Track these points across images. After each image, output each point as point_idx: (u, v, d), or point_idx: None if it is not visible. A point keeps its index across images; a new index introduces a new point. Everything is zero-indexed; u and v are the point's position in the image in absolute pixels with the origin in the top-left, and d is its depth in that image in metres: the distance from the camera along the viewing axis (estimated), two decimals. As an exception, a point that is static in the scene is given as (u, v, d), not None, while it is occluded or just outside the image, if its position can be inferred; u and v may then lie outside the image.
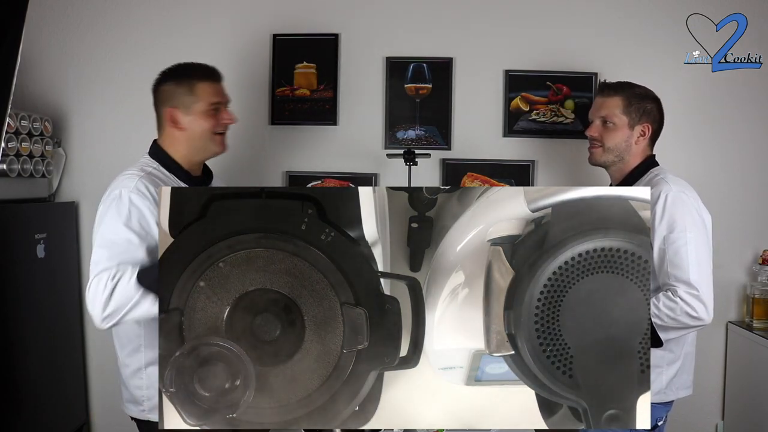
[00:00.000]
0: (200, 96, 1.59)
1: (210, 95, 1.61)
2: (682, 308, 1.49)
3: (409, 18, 2.35)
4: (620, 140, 1.69)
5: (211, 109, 1.60)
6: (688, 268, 1.51)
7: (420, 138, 2.35)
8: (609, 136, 1.70)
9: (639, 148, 1.70)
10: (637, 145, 1.70)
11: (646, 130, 1.70)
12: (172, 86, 1.60)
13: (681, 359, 1.63)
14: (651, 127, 1.70)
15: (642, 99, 1.71)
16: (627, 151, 1.70)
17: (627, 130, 1.69)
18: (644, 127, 1.69)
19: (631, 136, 1.69)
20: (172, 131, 1.60)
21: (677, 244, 1.53)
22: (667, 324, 1.51)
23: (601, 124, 1.73)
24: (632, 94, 1.71)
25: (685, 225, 1.54)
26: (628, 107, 1.69)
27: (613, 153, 1.70)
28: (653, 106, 1.72)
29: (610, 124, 1.70)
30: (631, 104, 1.69)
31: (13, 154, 2.09)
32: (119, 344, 1.57)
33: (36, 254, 2.13)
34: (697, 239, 1.54)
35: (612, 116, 1.70)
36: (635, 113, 1.69)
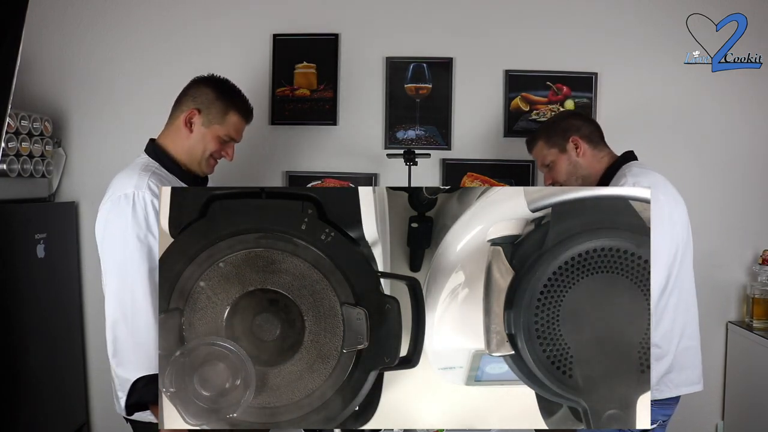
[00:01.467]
0: (227, 123, 1.61)
1: (233, 129, 1.64)
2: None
3: (409, 18, 2.35)
4: (565, 168, 1.74)
5: (224, 139, 1.63)
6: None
7: (420, 138, 2.35)
8: (557, 174, 1.76)
9: (587, 158, 1.72)
10: (582, 157, 1.72)
11: (576, 141, 1.72)
12: (212, 94, 1.60)
13: (671, 354, 1.60)
14: (579, 136, 1.72)
15: (554, 125, 1.78)
16: (579, 169, 1.73)
17: (563, 156, 1.74)
18: (573, 140, 1.72)
19: (569, 156, 1.73)
20: (181, 128, 1.60)
21: None
22: None
23: (546, 170, 1.80)
24: (546, 129, 1.79)
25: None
26: (549, 141, 1.76)
27: (571, 181, 1.74)
28: (567, 121, 1.77)
29: (549, 164, 1.77)
30: (550, 137, 1.76)
31: (13, 154, 2.09)
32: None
33: (36, 254, 2.13)
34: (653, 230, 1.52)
35: (545, 158, 1.77)
36: (556, 138, 1.74)
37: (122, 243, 1.45)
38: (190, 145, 1.60)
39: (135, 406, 1.45)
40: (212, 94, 1.60)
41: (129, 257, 1.44)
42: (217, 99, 1.60)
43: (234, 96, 1.64)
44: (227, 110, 1.60)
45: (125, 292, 1.44)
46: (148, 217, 1.46)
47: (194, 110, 1.59)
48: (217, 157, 1.65)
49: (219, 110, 1.60)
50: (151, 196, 1.47)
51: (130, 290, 1.44)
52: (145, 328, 1.43)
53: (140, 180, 1.49)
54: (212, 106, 1.59)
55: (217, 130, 1.60)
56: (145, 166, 1.55)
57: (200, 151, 1.61)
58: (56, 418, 2.24)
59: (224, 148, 1.65)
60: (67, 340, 2.34)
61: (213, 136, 1.60)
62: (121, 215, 1.45)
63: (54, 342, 2.24)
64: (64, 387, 2.31)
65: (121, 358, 1.44)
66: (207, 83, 1.62)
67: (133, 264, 1.44)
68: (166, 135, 1.63)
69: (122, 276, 1.45)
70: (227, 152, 1.66)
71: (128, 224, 1.45)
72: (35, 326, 2.12)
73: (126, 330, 1.43)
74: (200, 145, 1.60)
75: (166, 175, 1.57)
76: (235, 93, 1.65)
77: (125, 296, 1.44)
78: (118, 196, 1.47)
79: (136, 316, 1.43)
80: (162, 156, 1.59)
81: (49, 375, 2.19)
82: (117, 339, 1.45)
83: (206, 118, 1.59)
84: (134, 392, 1.43)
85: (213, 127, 1.60)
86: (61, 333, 2.30)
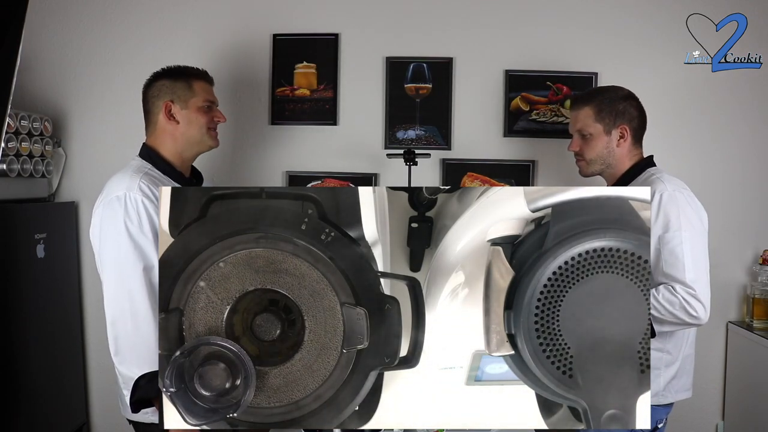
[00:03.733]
0: (197, 92, 1.65)
1: (206, 92, 1.68)
2: (682, 304, 1.48)
3: (409, 18, 2.35)
4: (600, 149, 1.68)
5: (206, 105, 1.66)
6: (684, 268, 1.51)
7: (420, 138, 2.35)
8: (588, 149, 1.70)
9: (623, 151, 1.68)
10: (620, 148, 1.68)
11: (624, 131, 1.67)
12: (168, 82, 1.64)
13: (679, 361, 1.63)
14: (629, 127, 1.67)
15: (612, 102, 1.68)
16: (611, 157, 1.69)
17: (604, 137, 1.68)
18: (622, 129, 1.67)
19: (610, 141, 1.68)
20: (166, 126, 1.63)
21: (672, 244, 1.53)
22: (664, 317, 1.50)
23: (579, 137, 1.72)
24: (602, 100, 1.68)
25: (680, 224, 1.53)
26: (599, 114, 1.67)
27: (597, 163, 1.70)
28: (626, 105, 1.68)
29: (587, 135, 1.69)
30: (601, 111, 1.67)
31: (13, 154, 2.09)
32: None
33: (36, 254, 2.13)
34: (693, 238, 1.54)
35: (586, 127, 1.69)
36: (608, 118, 1.67)
37: (116, 244, 1.47)
38: (182, 131, 1.64)
39: (139, 403, 1.46)
40: (169, 80, 1.65)
41: (124, 257, 1.47)
42: (176, 81, 1.65)
43: (184, 70, 1.69)
44: (190, 83, 1.65)
45: (123, 292, 1.46)
46: (140, 217, 1.48)
47: (167, 102, 1.63)
48: (213, 126, 1.70)
49: (184, 88, 1.64)
50: (141, 196, 1.49)
51: (127, 290, 1.46)
52: (145, 325, 1.44)
53: (131, 182, 1.51)
54: (177, 89, 1.64)
55: (195, 101, 1.65)
56: (138, 168, 1.57)
57: (196, 130, 1.65)
58: (56, 418, 2.24)
59: (213, 115, 1.69)
60: (67, 340, 2.34)
61: (196, 110, 1.65)
62: (114, 217, 1.48)
63: (54, 342, 2.24)
64: (64, 387, 2.31)
65: (123, 357, 1.46)
66: (158, 78, 1.67)
67: (128, 264, 1.46)
68: (153, 138, 1.65)
69: (119, 276, 1.47)
70: (218, 116, 1.71)
71: (121, 225, 1.47)
72: (35, 326, 2.12)
73: (126, 329, 1.45)
74: (193, 125, 1.65)
75: (159, 176, 1.59)
76: (183, 68, 1.70)
77: (123, 295, 1.46)
78: (110, 199, 1.50)
79: (135, 315, 1.45)
80: (154, 157, 1.62)
81: (49, 375, 2.19)
82: (118, 338, 1.46)
83: (180, 101, 1.64)
84: (138, 389, 1.44)
85: (190, 102, 1.64)
86: (61, 333, 2.29)
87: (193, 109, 1.64)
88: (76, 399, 2.39)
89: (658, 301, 1.50)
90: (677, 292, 1.49)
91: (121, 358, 1.46)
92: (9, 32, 0.97)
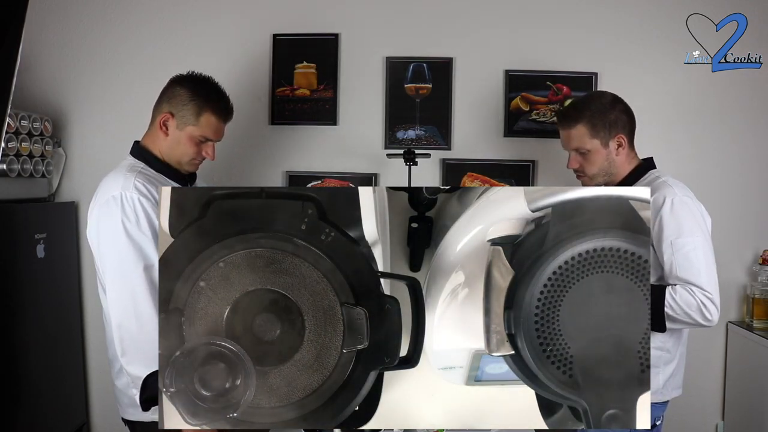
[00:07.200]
0: (200, 124, 1.58)
1: (208, 130, 1.60)
2: (699, 307, 1.49)
3: (409, 18, 2.35)
4: (601, 162, 1.66)
5: (201, 139, 1.60)
6: (700, 272, 1.51)
7: (420, 138, 2.35)
8: (589, 165, 1.67)
9: (622, 158, 1.67)
10: (619, 156, 1.66)
11: (621, 140, 1.65)
12: (186, 95, 1.57)
13: (677, 359, 1.64)
14: (624, 134, 1.66)
15: (603, 113, 1.64)
16: (612, 167, 1.67)
17: (603, 150, 1.65)
18: (619, 138, 1.65)
19: (609, 153, 1.65)
20: (158, 131, 1.59)
21: (686, 249, 1.53)
22: (678, 317, 1.51)
23: (577, 155, 1.69)
24: (592, 114, 1.64)
25: (692, 229, 1.54)
26: (593, 129, 1.64)
27: (600, 176, 1.68)
28: (616, 113, 1.65)
29: (585, 152, 1.66)
30: (595, 125, 1.64)
31: (13, 154, 2.09)
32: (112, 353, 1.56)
33: (36, 254, 2.13)
34: (704, 243, 1.55)
35: (583, 145, 1.66)
36: (603, 131, 1.64)
37: (115, 244, 1.46)
38: (168, 146, 1.59)
39: (149, 401, 1.45)
40: (186, 95, 1.57)
41: (124, 257, 1.45)
42: (191, 100, 1.57)
43: (209, 95, 1.59)
44: (201, 111, 1.57)
45: (126, 292, 1.45)
46: (138, 216, 1.46)
47: (167, 114, 1.57)
48: (198, 160, 1.63)
49: (192, 111, 1.57)
50: (138, 195, 1.47)
51: (130, 290, 1.45)
52: (150, 324, 1.43)
53: (126, 181, 1.49)
54: (185, 108, 1.57)
55: (192, 131, 1.57)
56: (131, 167, 1.55)
57: (178, 153, 1.59)
58: (56, 418, 2.24)
59: (203, 149, 1.61)
60: (67, 340, 2.34)
61: (188, 137, 1.58)
62: (111, 217, 1.46)
63: (54, 342, 2.24)
64: (64, 387, 2.31)
65: (131, 357, 1.45)
66: (182, 83, 1.59)
67: (129, 264, 1.45)
68: (148, 136, 1.63)
69: (121, 277, 1.46)
70: (207, 152, 1.62)
71: (119, 225, 1.45)
72: (35, 326, 2.12)
73: (132, 329, 1.44)
74: (177, 147, 1.58)
75: (153, 174, 1.57)
76: (212, 92, 1.61)
77: (126, 296, 1.45)
78: (107, 199, 1.48)
79: (139, 314, 1.44)
80: (148, 156, 1.59)
81: (49, 375, 2.19)
82: (123, 339, 1.45)
83: (180, 120, 1.57)
84: (147, 388, 1.43)
85: (187, 128, 1.57)
86: (61, 333, 2.29)
87: (185, 134, 1.58)
88: (76, 399, 2.39)
89: (676, 301, 1.50)
90: (696, 294, 1.50)
91: (129, 358, 1.45)
92: (9, 32, 0.97)
